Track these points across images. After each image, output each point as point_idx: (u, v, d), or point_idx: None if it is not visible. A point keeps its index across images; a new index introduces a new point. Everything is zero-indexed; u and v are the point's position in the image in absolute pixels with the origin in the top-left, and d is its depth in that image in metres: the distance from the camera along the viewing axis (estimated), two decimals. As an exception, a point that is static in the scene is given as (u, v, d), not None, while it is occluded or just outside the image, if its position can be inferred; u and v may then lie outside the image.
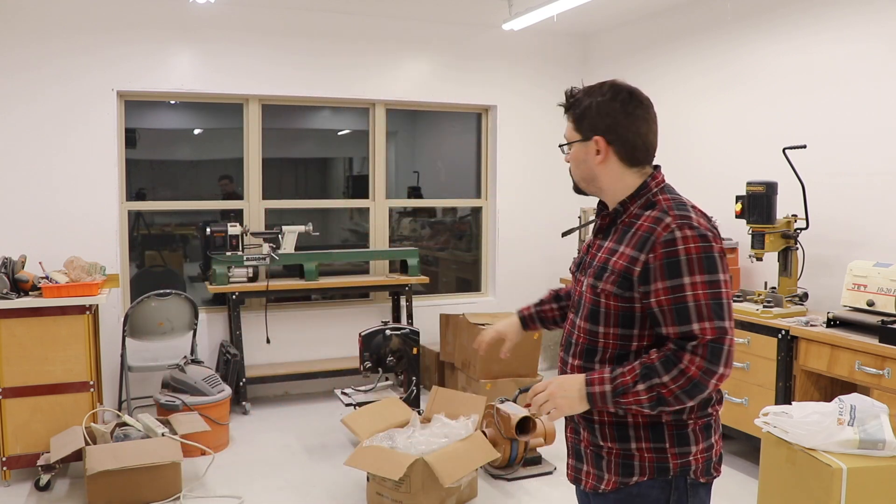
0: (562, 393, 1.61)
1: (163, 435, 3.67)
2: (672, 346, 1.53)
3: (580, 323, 1.71)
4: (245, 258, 4.97)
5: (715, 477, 1.69)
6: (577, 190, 1.79)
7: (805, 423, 2.64)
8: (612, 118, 1.66)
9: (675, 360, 1.52)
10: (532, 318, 2.11)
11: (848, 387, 3.42)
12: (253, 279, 5.11)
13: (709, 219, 1.63)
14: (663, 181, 1.71)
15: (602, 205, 1.77)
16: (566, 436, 1.82)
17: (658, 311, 1.56)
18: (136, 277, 5.30)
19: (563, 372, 1.77)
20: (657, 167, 1.74)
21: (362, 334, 4.43)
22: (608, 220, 1.71)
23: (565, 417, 1.76)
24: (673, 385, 1.51)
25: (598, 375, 1.59)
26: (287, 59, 5.22)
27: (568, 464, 1.81)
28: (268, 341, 5.15)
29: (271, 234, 5.14)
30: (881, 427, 2.58)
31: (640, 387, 1.53)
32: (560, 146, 1.76)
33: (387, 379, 4.81)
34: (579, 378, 1.61)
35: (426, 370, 5.47)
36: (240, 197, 5.42)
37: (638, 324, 1.61)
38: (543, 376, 4.95)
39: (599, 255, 1.68)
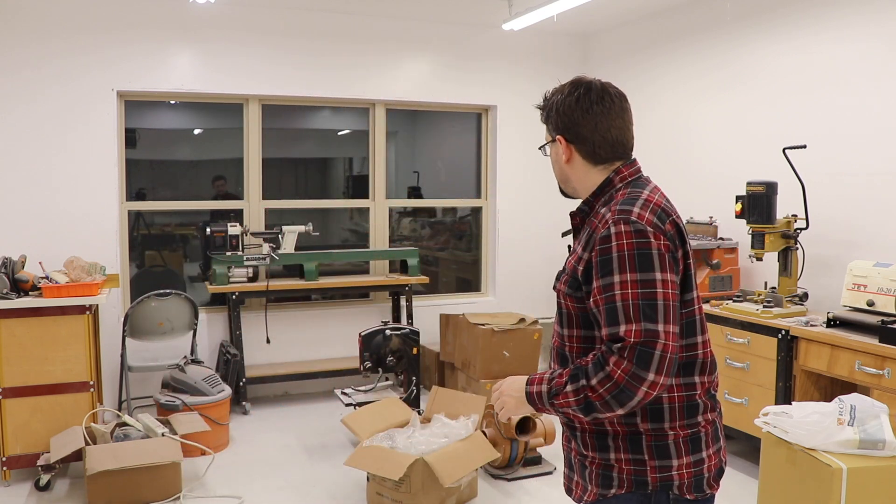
0: (509, 391, 1.61)
1: (163, 435, 3.67)
2: (602, 348, 1.46)
3: (555, 327, 1.69)
4: (245, 258, 4.97)
5: (709, 494, 1.59)
6: (563, 192, 1.76)
7: (805, 423, 2.64)
8: (568, 116, 1.61)
9: (602, 362, 1.43)
10: None
11: (848, 387, 3.42)
12: (253, 279, 5.11)
13: (664, 214, 1.52)
14: (631, 176, 1.62)
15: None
16: (562, 444, 1.79)
17: (595, 311, 1.50)
18: (136, 277, 5.30)
19: None
20: (630, 161, 1.64)
21: (362, 334, 4.43)
22: (578, 221, 1.66)
23: (562, 426, 1.74)
24: (601, 389, 1.42)
25: (539, 376, 1.56)
26: (287, 59, 5.22)
27: (564, 472, 1.79)
28: (268, 341, 5.15)
29: (271, 234, 5.14)
30: (881, 427, 2.58)
31: (569, 388, 1.47)
32: (539, 148, 1.75)
33: (387, 379, 4.81)
34: (524, 377, 1.60)
35: (426, 370, 5.47)
36: (235, 197, 5.43)
37: (594, 322, 1.56)
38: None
39: (569, 258, 1.65)
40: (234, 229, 4.98)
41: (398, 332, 4.53)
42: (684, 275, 1.54)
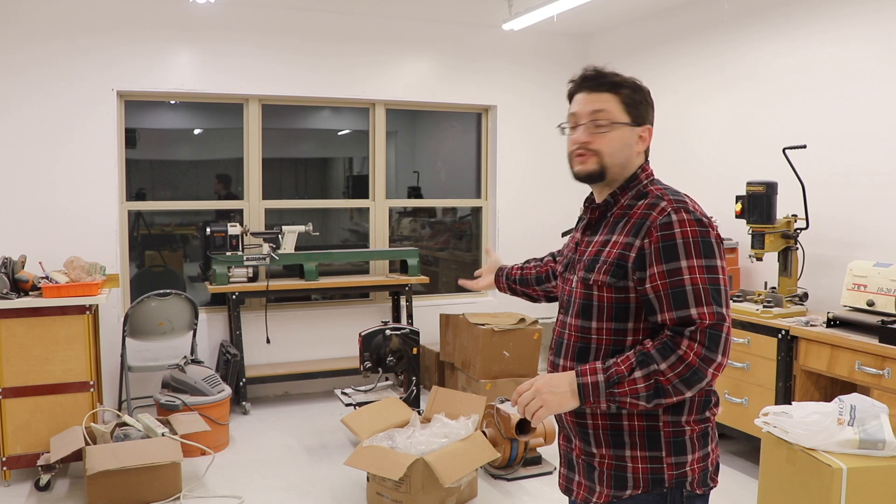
0: (549, 388, 1.52)
1: (163, 435, 3.67)
2: (669, 333, 1.47)
3: (571, 321, 1.65)
4: (245, 258, 4.97)
5: (712, 487, 1.62)
6: (589, 178, 1.64)
7: (805, 423, 2.64)
8: (653, 109, 1.69)
9: (672, 346, 1.46)
10: (506, 275, 2.22)
11: (848, 387, 3.42)
12: (253, 279, 5.11)
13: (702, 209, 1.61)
14: (652, 174, 1.68)
15: (590, 200, 1.73)
16: (559, 443, 1.77)
17: (654, 296, 1.50)
18: (136, 277, 5.30)
19: None
20: (647, 161, 1.70)
21: (362, 334, 4.43)
22: (598, 215, 1.67)
23: (558, 424, 1.70)
24: (671, 373, 1.44)
25: (590, 366, 1.52)
26: (287, 59, 5.22)
27: (560, 472, 1.76)
28: (268, 341, 5.15)
29: (271, 234, 5.14)
30: (881, 427, 2.58)
31: (637, 374, 1.46)
32: (598, 121, 1.61)
33: (387, 379, 4.81)
34: (569, 372, 1.54)
35: (426, 370, 5.48)
36: (235, 198, 5.43)
37: (633, 316, 1.55)
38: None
39: (590, 249, 1.63)
40: (234, 229, 4.98)
41: (398, 332, 4.53)
42: None
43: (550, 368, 1.74)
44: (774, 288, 3.94)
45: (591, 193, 1.73)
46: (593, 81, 1.63)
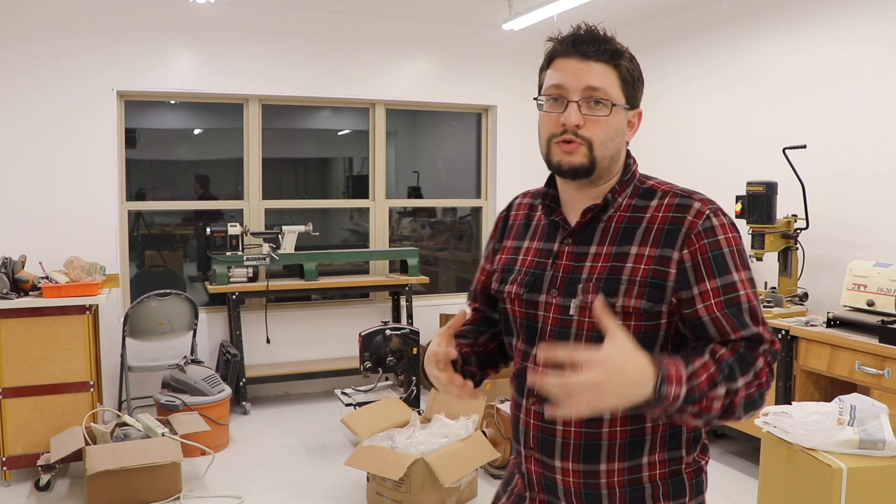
0: (620, 382, 1.06)
1: (163, 435, 3.67)
2: (744, 343, 1.21)
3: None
4: (245, 258, 4.97)
5: None
6: (575, 173, 1.28)
7: (805, 423, 2.64)
8: (643, 91, 1.35)
9: (750, 360, 1.19)
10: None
11: (848, 387, 3.42)
12: (253, 279, 5.11)
13: None
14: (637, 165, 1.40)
15: (551, 198, 1.38)
16: (527, 468, 1.37)
17: (709, 319, 1.21)
18: (136, 277, 5.30)
19: (532, 432, 1.33)
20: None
21: (362, 334, 4.43)
22: (588, 218, 1.31)
23: (530, 441, 1.34)
24: (744, 392, 1.16)
25: (675, 368, 1.12)
26: (287, 59, 5.22)
27: (535, 498, 1.38)
28: (268, 341, 5.15)
29: (271, 234, 5.14)
30: (881, 427, 2.58)
31: (720, 391, 1.14)
32: (595, 98, 1.26)
33: (387, 379, 4.80)
34: (645, 364, 1.09)
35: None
36: (212, 198, 5.45)
37: (658, 348, 1.26)
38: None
39: (591, 265, 1.28)
40: (234, 229, 4.98)
41: (398, 332, 4.53)
42: None
43: (532, 419, 1.34)
44: (774, 288, 3.94)
45: (550, 190, 1.39)
46: (590, 46, 1.28)
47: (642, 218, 1.28)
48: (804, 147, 3.86)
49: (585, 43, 1.29)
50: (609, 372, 1.05)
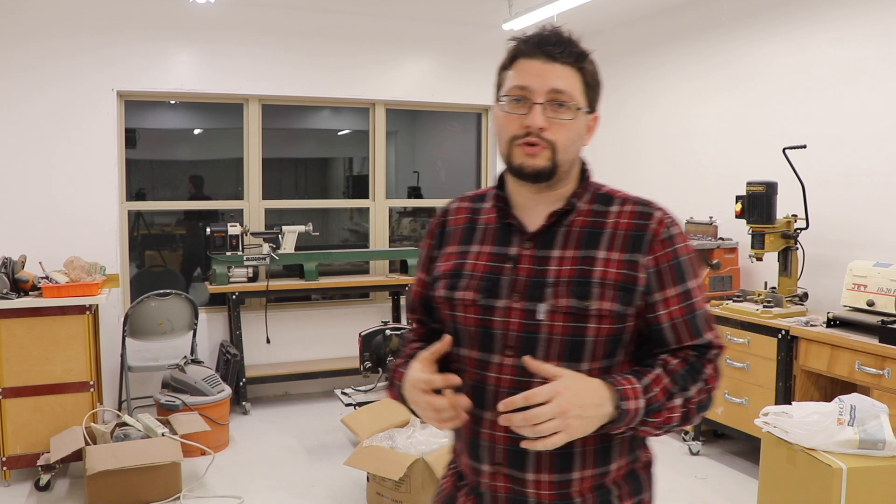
0: (579, 409, 1.13)
1: (163, 435, 3.67)
2: (693, 353, 1.27)
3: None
4: (245, 258, 4.97)
5: None
6: (537, 176, 1.26)
7: (805, 423, 2.64)
8: (601, 95, 1.36)
9: (699, 368, 1.25)
10: None
11: (848, 387, 3.42)
12: (253, 279, 5.11)
13: None
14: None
15: (502, 200, 1.35)
16: (490, 487, 1.31)
17: (669, 325, 1.26)
18: (136, 277, 5.30)
19: (501, 445, 1.28)
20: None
21: (362, 334, 4.43)
22: (552, 221, 1.30)
23: (497, 456, 1.29)
24: (696, 399, 1.24)
25: (629, 384, 1.19)
26: (287, 59, 5.22)
27: None
28: (268, 341, 5.15)
29: (271, 234, 5.15)
30: (881, 427, 2.58)
31: (676, 402, 1.21)
32: (559, 101, 1.25)
33: (387, 379, 4.80)
34: (600, 385, 1.17)
35: (426, 370, 5.47)
36: (206, 199, 5.46)
37: (622, 351, 1.28)
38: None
39: (553, 268, 1.26)
40: (234, 229, 4.98)
41: (398, 332, 4.53)
42: None
43: (493, 431, 1.28)
44: (774, 288, 3.94)
45: (500, 192, 1.36)
46: (557, 48, 1.27)
47: (605, 223, 1.29)
48: (804, 147, 3.85)
49: (551, 44, 1.28)
50: (569, 397, 1.12)
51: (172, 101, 5.33)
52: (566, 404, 1.11)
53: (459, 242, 1.37)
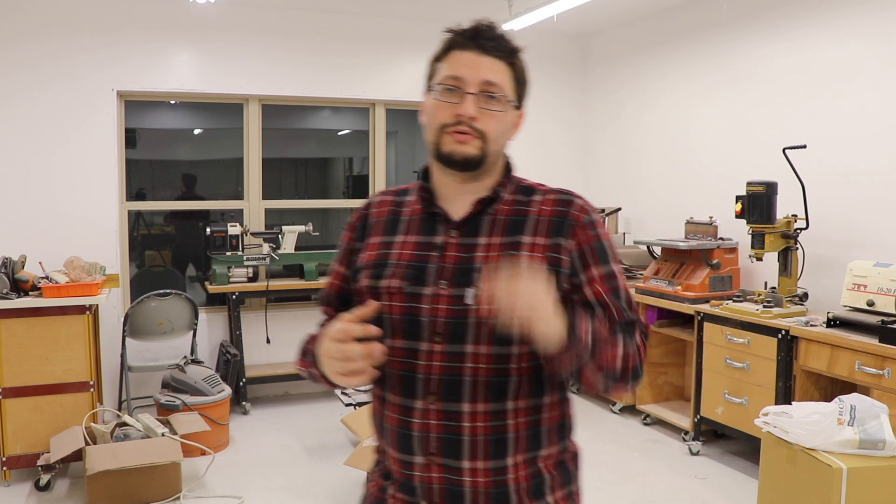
0: (545, 308, 1.14)
1: (163, 435, 3.67)
2: (621, 325, 1.31)
3: (474, 350, 1.25)
4: (245, 258, 4.97)
5: None
6: (467, 164, 1.30)
7: (805, 423, 2.64)
8: (528, 93, 1.41)
9: (631, 333, 1.29)
10: None
11: (848, 387, 3.42)
12: (253, 279, 5.11)
13: None
14: None
15: (427, 191, 1.38)
16: (424, 480, 1.29)
17: (596, 302, 1.29)
18: (136, 277, 5.31)
19: (433, 434, 1.27)
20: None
21: (362, 334, 4.43)
22: (478, 209, 1.33)
23: (430, 446, 1.27)
24: (633, 359, 1.26)
25: (578, 316, 1.21)
26: (287, 59, 5.22)
27: None
28: (268, 341, 5.15)
29: (271, 234, 5.15)
30: (881, 427, 2.58)
31: (619, 350, 1.24)
32: (490, 93, 1.30)
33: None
34: (557, 306, 1.19)
35: (426, 370, 5.47)
36: (198, 198, 5.46)
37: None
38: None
39: (480, 254, 1.28)
40: (234, 229, 4.98)
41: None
42: None
43: (424, 420, 1.28)
44: (774, 288, 3.94)
45: (425, 183, 1.39)
46: (491, 42, 1.35)
47: (528, 211, 1.33)
48: (804, 147, 3.85)
49: (486, 38, 1.35)
50: (540, 294, 1.13)
51: (172, 101, 5.33)
52: (541, 295, 1.13)
53: (383, 233, 1.38)
